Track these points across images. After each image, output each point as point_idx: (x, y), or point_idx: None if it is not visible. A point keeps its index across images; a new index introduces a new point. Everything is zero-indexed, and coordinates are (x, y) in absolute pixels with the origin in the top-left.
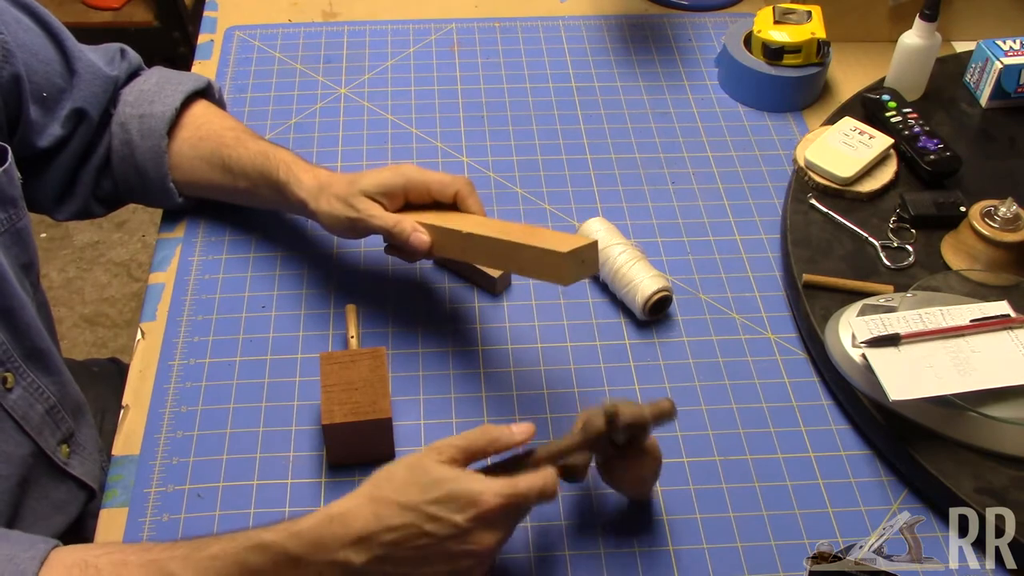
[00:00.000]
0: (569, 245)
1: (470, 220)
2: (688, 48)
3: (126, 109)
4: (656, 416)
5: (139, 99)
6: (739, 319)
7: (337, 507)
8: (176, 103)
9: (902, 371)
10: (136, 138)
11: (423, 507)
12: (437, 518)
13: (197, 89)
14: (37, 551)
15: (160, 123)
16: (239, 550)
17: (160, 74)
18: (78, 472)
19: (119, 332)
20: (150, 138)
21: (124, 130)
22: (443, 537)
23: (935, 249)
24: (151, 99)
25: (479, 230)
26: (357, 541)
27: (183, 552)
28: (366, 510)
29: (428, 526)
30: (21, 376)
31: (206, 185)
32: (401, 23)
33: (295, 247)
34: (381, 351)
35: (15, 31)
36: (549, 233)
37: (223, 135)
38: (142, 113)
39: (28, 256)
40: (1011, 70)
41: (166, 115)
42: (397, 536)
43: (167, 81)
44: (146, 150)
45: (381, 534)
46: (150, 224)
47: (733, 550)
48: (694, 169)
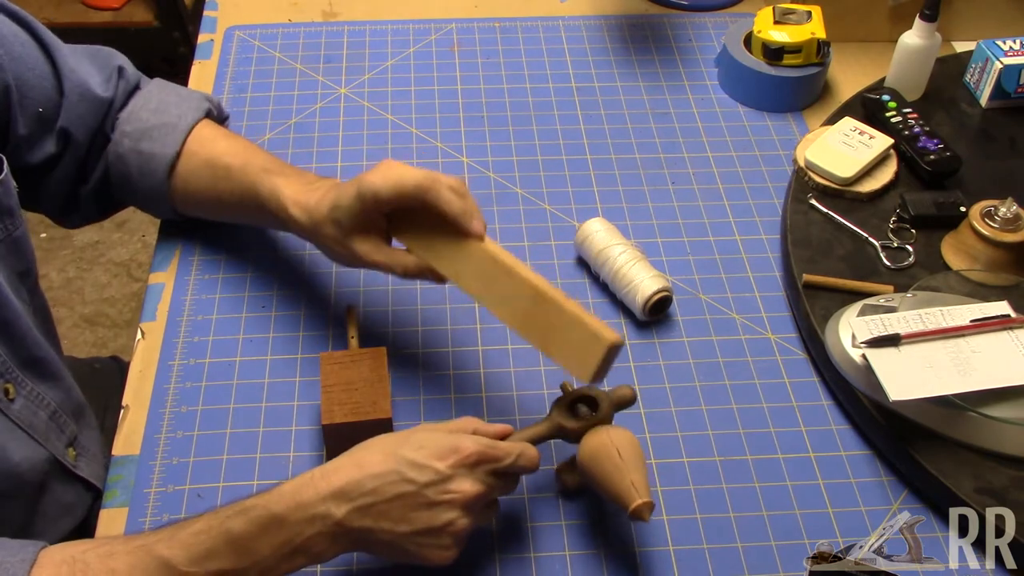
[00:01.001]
0: (589, 364)
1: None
2: (688, 48)
3: (124, 140)
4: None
5: (137, 130)
6: (739, 319)
7: (322, 467)
8: (177, 146)
9: (902, 371)
10: (135, 174)
11: (405, 453)
12: (418, 464)
13: (198, 119)
14: (26, 554)
15: (161, 165)
16: (222, 520)
17: (159, 99)
18: (85, 474)
19: (119, 332)
20: (150, 178)
21: (123, 162)
22: (424, 484)
23: (935, 249)
24: (150, 134)
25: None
26: (338, 492)
27: (168, 533)
28: (347, 462)
29: (410, 472)
30: (21, 386)
31: (204, 213)
32: (401, 23)
33: (295, 247)
34: (381, 351)
35: (10, 44)
36: (569, 323)
37: (215, 167)
38: (141, 150)
39: (25, 264)
40: (1011, 70)
41: (167, 158)
42: (378, 484)
43: (165, 111)
44: (145, 187)
45: (363, 482)
46: (150, 224)
47: (733, 550)
48: (694, 169)
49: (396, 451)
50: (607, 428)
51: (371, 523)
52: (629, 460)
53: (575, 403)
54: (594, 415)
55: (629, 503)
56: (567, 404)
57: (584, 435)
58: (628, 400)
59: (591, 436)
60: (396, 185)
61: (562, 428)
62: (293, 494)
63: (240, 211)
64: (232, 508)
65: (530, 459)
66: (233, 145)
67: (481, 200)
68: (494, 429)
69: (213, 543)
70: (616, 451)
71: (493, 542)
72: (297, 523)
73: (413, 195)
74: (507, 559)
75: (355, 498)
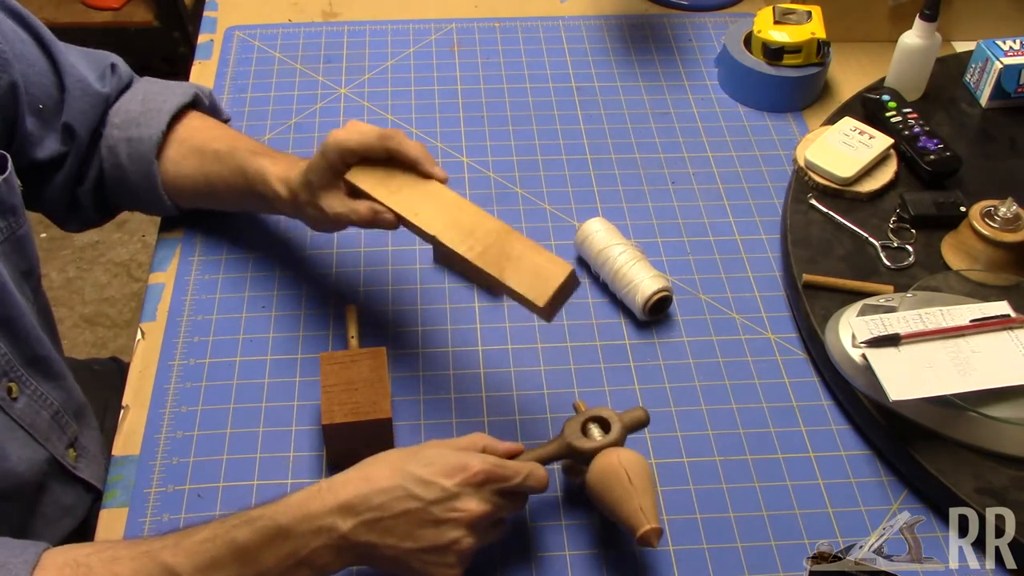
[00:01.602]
0: (547, 287)
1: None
2: (688, 48)
3: (114, 132)
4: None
5: (126, 121)
6: (739, 319)
7: (329, 479)
8: (162, 126)
9: (902, 371)
10: (126, 162)
11: (413, 470)
12: (426, 481)
13: (183, 105)
14: (29, 555)
15: (148, 147)
16: (228, 528)
17: (146, 90)
18: (85, 475)
19: (119, 332)
20: (139, 163)
21: (113, 154)
22: (430, 501)
23: (935, 249)
24: (137, 120)
25: (445, 235)
26: (345, 506)
27: (173, 540)
28: (355, 476)
29: (416, 488)
30: (25, 385)
31: (195, 200)
32: (401, 23)
33: (295, 247)
34: (381, 351)
35: (12, 41)
36: (528, 252)
37: (204, 153)
38: (129, 136)
39: (28, 263)
40: (1011, 70)
41: (153, 139)
42: (385, 499)
43: (152, 99)
44: (136, 173)
45: (370, 497)
46: (150, 224)
47: (733, 550)
48: (694, 169)
49: (404, 467)
50: (617, 450)
51: (376, 538)
52: (639, 484)
53: (587, 423)
54: (606, 436)
55: (637, 528)
56: (579, 424)
57: (595, 456)
58: (642, 422)
59: (601, 458)
60: (361, 135)
61: (572, 449)
62: (300, 506)
63: (230, 195)
64: (238, 517)
65: (539, 479)
66: (222, 132)
67: (481, 200)
68: (504, 447)
69: (218, 552)
70: (626, 474)
71: None
72: (302, 535)
73: (378, 143)
74: (507, 559)
75: (361, 512)
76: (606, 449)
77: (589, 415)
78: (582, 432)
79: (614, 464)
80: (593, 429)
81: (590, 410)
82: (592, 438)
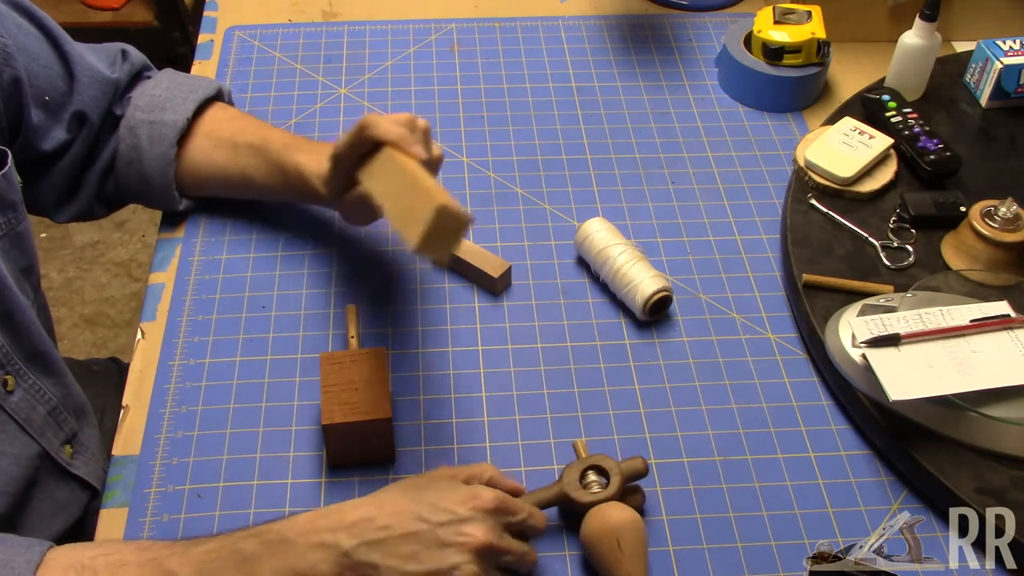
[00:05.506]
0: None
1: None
2: (688, 48)
3: (136, 114)
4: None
5: (150, 104)
6: (739, 319)
7: (341, 503)
8: (188, 113)
9: (902, 371)
10: (145, 143)
11: (425, 496)
12: (436, 506)
13: (208, 97)
14: (33, 554)
15: (171, 131)
16: (235, 540)
17: (171, 79)
18: (81, 472)
19: (119, 332)
20: (159, 144)
21: (133, 134)
22: (437, 523)
23: (935, 249)
24: (163, 105)
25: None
26: (351, 525)
27: (181, 548)
28: (368, 501)
29: (426, 512)
30: (22, 378)
31: (221, 190)
32: (401, 23)
33: (295, 247)
34: (381, 351)
35: (15, 35)
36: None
37: (236, 145)
38: (153, 120)
39: (28, 260)
40: (1011, 70)
41: (177, 124)
42: (392, 521)
43: (178, 87)
44: (154, 156)
45: (377, 518)
46: (150, 224)
47: (733, 550)
48: (694, 169)
49: (417, 494)
50: (612, 509)
51: (379, 559)
52: (628, 551)
53: (586, 471)
54: (604, 489)
55: None
56: (578, 473)
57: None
58: (640, 473)
59: (594, 516)
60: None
61: (569, 499)
62: (307, 522)
63: (267, 188)
64: (248, 530)
65: (538, 520)
66: (249, 123)
67: (481, 200)
68: (507, 484)
69: (223, 563)
70: (616, 541)
71: None
72: (304, 548)
73: (360, 133)
74: None
75: (367, 532)
76: (601, 506)
77: (588, 463)
78: (580, 481)
79: (606, 528)
80: (591, 477)
81: (590, 457)
82: (590, 489)
